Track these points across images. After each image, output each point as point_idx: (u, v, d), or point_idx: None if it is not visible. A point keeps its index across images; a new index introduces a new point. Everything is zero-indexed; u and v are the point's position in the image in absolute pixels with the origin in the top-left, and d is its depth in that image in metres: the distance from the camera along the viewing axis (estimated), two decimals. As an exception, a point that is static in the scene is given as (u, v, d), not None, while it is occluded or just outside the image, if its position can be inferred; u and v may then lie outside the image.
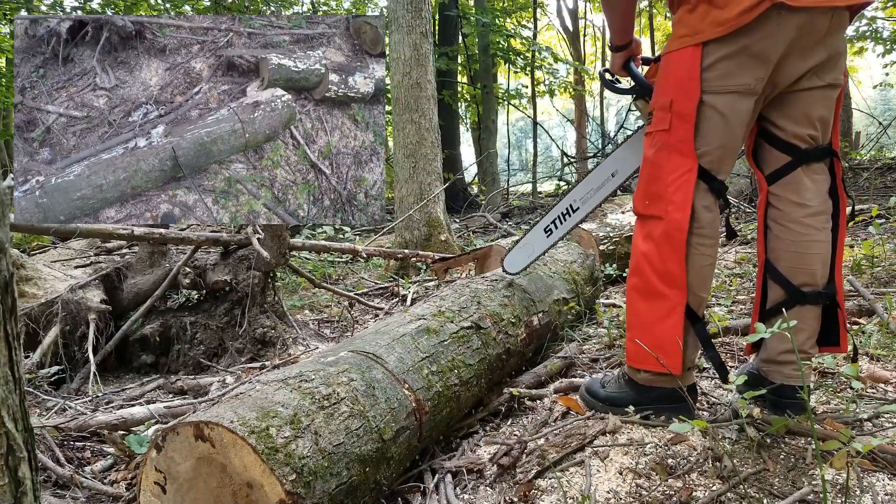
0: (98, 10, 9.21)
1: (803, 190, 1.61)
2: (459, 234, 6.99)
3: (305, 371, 1.41)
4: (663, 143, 1.58)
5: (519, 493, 1.46)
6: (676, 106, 1.55)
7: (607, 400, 1.78)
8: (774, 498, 1.35)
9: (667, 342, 1.59)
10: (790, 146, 1.61)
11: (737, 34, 1.46)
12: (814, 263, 1.61)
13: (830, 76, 1.56)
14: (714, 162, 1.56)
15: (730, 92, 1.51)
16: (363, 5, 14.28)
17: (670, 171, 1.57)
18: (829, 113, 1.60)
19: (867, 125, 14.45)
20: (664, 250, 1.57)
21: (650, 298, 1.62)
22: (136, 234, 2.95)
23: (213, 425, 1.14)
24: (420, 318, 1.85)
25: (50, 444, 1.76)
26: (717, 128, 1.53)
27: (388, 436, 1.39)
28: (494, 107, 12.22)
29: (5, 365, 0.79)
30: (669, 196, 1.56)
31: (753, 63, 1.49)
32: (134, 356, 3.00)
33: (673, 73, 1.57)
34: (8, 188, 2.15)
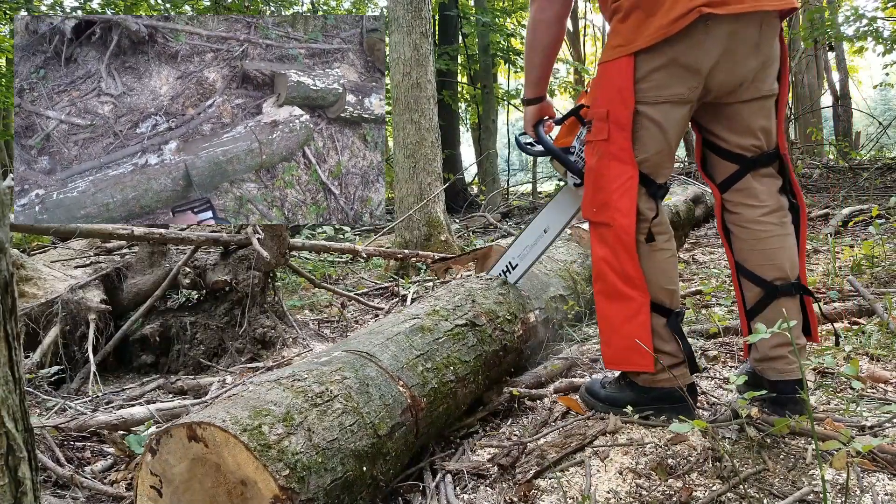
0: (98, 10, 9.22)
1: (755, 192, 1.67)
2: (459, 234, 6.99)
3: (298, 371, 1.42)
4: (604, 152, 1.62)
5: (519, 493, 1.46)
6: (613, 116, 1.58)
7: (607, 400, 1.78)
8: (774, 498, 1.35)
9: (637, 342, 1.63)
10: (737, 156, 1.66)
11: (666, 44, 1.50)
12: (780, 258, 1.65)
13: (766, 86, 1.61)
14: (653, 167, 1.62)
15: (663, 102, 1.56)
16: (363, 5, 14.28)
17: (613, 178, 1.61)
18: (770, 121, 1.65)
19: (867, 125, 14.45)
20: (620, 255, 1.62)
21: (616, 300, 1.65)
22: (136, 234, 2.95)
23: (205, 425, 1.14)
24: (414, 317, 1.85)
25: (50, 444, 1.76)
26: (654, 136, 1.58)
27: (383, 431, 1.40)
28: (494, 107, 12.21)
29: (5, 365, 0.79)
30: (615, 203, 1.61)
31: (685, 73, 1.53)
32: (134, 356, 3.00)
33: (608, 83, 1.60)
34: (8, 188, 2.14)
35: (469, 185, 12.40)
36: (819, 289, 2.95)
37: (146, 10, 9.30)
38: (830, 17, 9.26)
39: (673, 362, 1.66)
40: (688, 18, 1.46)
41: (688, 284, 3.45)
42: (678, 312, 1.68)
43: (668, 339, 1.66)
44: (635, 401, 1.71)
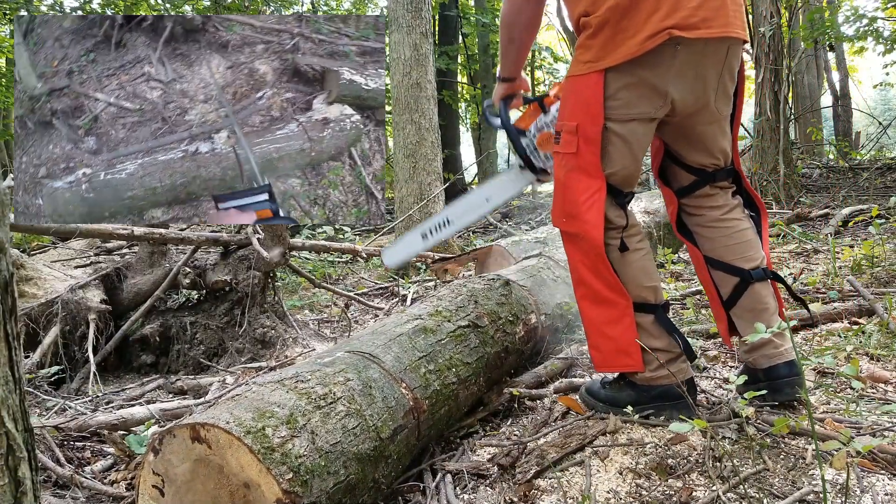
0: (98, 10, 9.22)
1: (714, 197, 1.76)
2: (459, 234, 6.99)
3: (301, 372, 1.41)
4: (573, 166, 1.65)
5: (519, 493, 1.46)
6: (582, 130, 1.61)
7: (608, 400, 1.79)
8: (774, 498, 1.35)
9: (625, 343, 1.65)
10: (697, 170, 1.75)
11: (635, 64, 1.52)
12: (751, 248, 1.73)
13: (725, 109, 1.68)
14: (620, 180, 1.67)
15: (631, 120, 1.60)
16: (363, 5, 14.29)
17: (581, 190, 1.64)
18: (727, 141, 1.74)
19: (867, 125, 14.46)
20: (596, 263, 1.65)
21: (600, 304, 1.68)
22: (136, 234, 2.95)
23: (209, 427, 1.14)
24: (417, 317, 1.85)
25: (50, 444, 1.76)
26: (621, 151, 1.62)
27: (385, 434, 1.39)
28: (494, 107, 12.19)
29: (5, 365, 0.79)
30: (583, 215, 1.64)
31: (652, 94, 1.57)
32: (134, 356, 3.00)
33: (577, 97, 1.63)
34: (8, 188, 2.14)
35: (469, 185, 12.39)
36: (819, 289, 2.95)
37: (146, 9, 9.29)
38: (830, 17, 9.25)
39: (668, 357, 1.67)
40: (657, 39, 1.49)
41: (688, 284, 3.45)
42: (664, 306, 1.71)
43: (659, 334, 1.68)
44: (636, 400, 1.71)
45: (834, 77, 12.95)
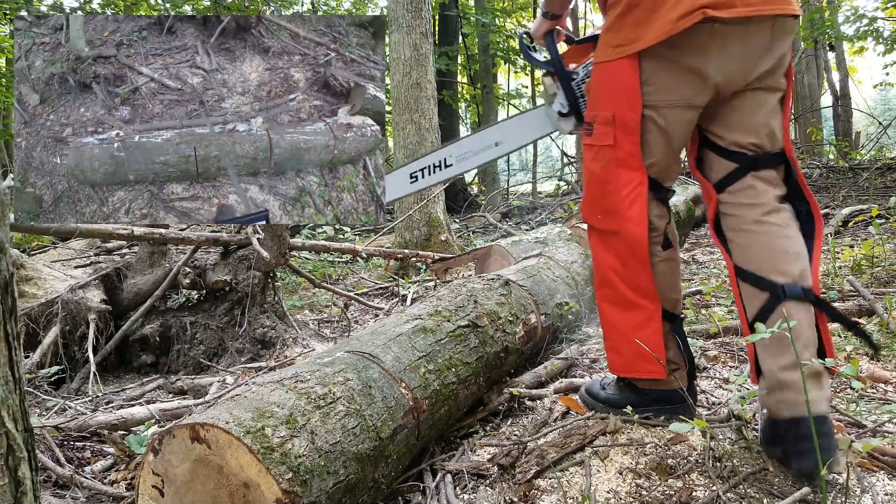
0: (98, 10, 9.22)
1: (756, 193, 1.49)
2: (459, 234, 6.99)
3: (301, 372, 1.41)
4: (611, 159, 1.54)
5: (519, 493, 1.46)
6: (620, 120, 1.50)
7: (607, 402, 1.77)
8: (774, 498, 1.35)
9: (649, 349, 1.59)
10: (736, 154, 1.51)
11: (670, 46, 1.40)
12: (787, 260, 1.44)
13: (770, 80, 1.48)
14: (660, 172, 1.56)
15: (669, 106, 1.47)
16: (363, 5, 14.29)
17: (622, 185, 1.54)
18: (774, 119, 1.50)
19: (867, 125, 14.46)
20: (631, 264, 1.56)
21: (625, 309, 1.61)
22: (136, 234, 2.95)
23: (208, 427, 1.14)
24: (416, 317, 1.85)
25: (50, 444, 1.76)
26: (658, 141, 1.51)
27: (385, 434, 1.40)
28: (494, 107, 12.22)
29: (5, 365, 0.79)
30: (625, 211, 1.54)
31: (690, 76, 1.44)
32: (134, 356, 3.00)
33: (612, 85, 1.51)
34: (8, 188, 2.14)
35: (469, 185, 12.39)
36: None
37: (146, 9, 9.29)
38: (830, 17, 9.25)
39: (673, 367, 1.64)
40: (691, 19, 1.36)
41: (688, 284, 3.45)
42: (681, 318, 1.67)
43: (671, 345, 1.64)
44: (636, 403, 1.69)
45: (834, 77, 12.95)
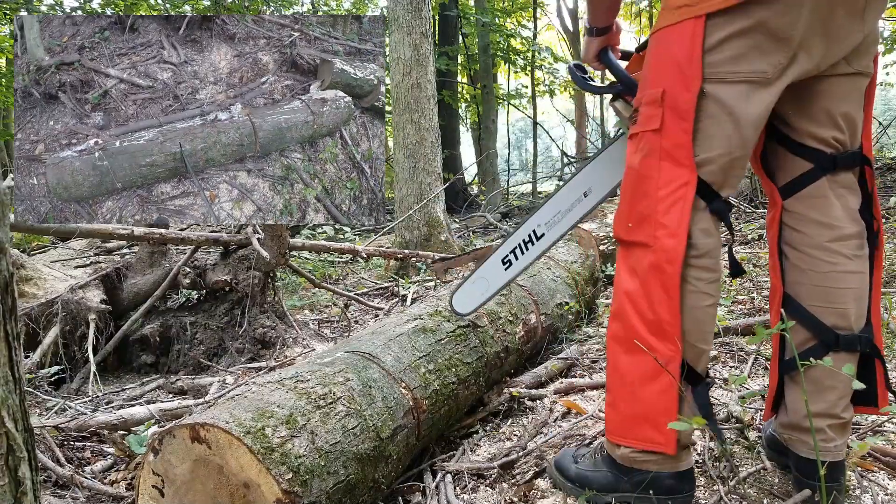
0: (98, 10, 9.22)
1: (829, 207, 1.25)
2: (459, 234, 6.99)
3: (301, 372, 1.41)
4: (652, 148, 1.23)
5: (519, 494, 1.46)
6: (670, 99, 1.20)
7: (578, 479, 1.40)
8: (774, 498, 1.35)
9: (656, 411, 1.23)
10: (812, 150, 1.26)
11: (751, 4, 1.12)
12: (846, 300, 1.25)
13: (861, 62, 1.21)
14: (717, 173, 1.21)
15: (741, 81, 1.15)
16: (363, 5, 14.30)
17: (661, 184, 1.22)
18: (857, 109, 1.25)
19: (867, 125, 14.43)
20: (653, 290, 1.22)
21: (634, 352, 1.25)
22: (135, 234, 2.95)
23: (209, 427, 1.14)
24: (417, 317, 1.85)
25: (50, 444, 1.76)
26: (724, 128, 1.18)
27: (385, 434, 1.40)
28: (494, 107, 12.22)
29: (5, 365, 0.79)
30: (659, 217, 1.22)
31: (772, 44, 1.13)
32: (134, 356, 3.00)
33: (666, 55, 1.21)
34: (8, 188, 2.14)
35: (469, 185, 12.40)
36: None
37: (146, 9, 9.29)
38: (830, 17, 9.24)
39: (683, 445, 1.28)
40: None
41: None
42: (708, 382, 1.28)
43: (689, 414, 1.24)
44: (612, 486, 1.33)
45: (834, 77, 12.93)
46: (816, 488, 1.24)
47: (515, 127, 27.31)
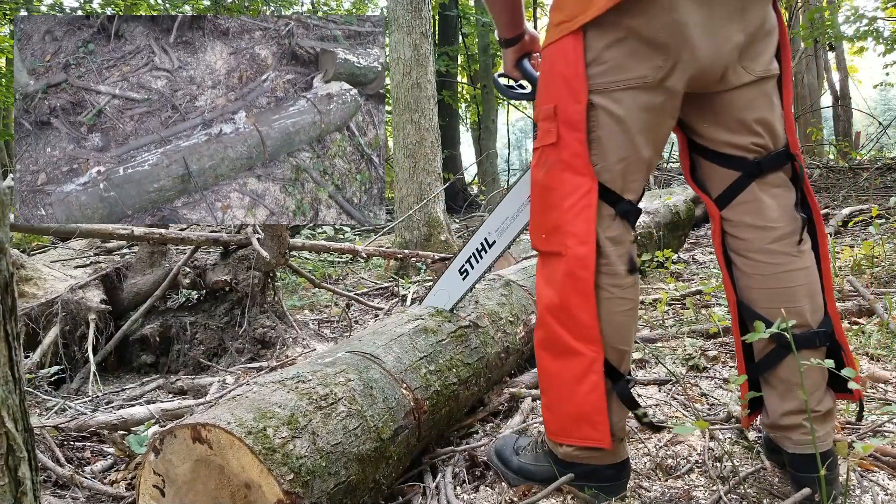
0: (98, 10, 9.22)
1: (763, 209, 1.28)
2: (459, 234, 6.99)
3: (303, 372, 1.41)
4: (553, 161, 1.28)
5: (519, 493, 1.46)
6: (562, 113, 1.24)
7: (520, 472, 1.47)
8: (774, 498, 1.35)
9: (589, 410, 1.29)
10: (736, 159, 1.28)
11: (621, 12, 1.16)
12: (798, 299, 1.28)
13: (760, 66, 1.24)
14: (616, 179, 1.25)
15: (625, 88, 1.20)
16: (363, 5, 14.30)
17: (566, 194, 1.26)
18: (772, 111, 1.27)
19: (867, 125, 14.47)
20: (569, 296, 1.26)
21: (561, 356, 1.30)
22: (135, 234, 2.95)
23: (210, 427, 1.14)
24: (418, 318, 1.85)
25: (50, 444, 1.76)
26: (615, 136, 1.22)
27: (386, 435, 1.39)
28: (494, 107, 12.22)
29: (5, 365, 0.79)
30: (568, 227, 1.25)
31: (647, 49, 1.18)
32: (134, 356, 3.00)
33: (553, 71, 1.26)
34: (8, 188, 2.14)
35: (469, 185, 12.41)
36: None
37: (146, 9, 9.29)
38: (830, 17, 9.26)
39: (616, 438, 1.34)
40: None
41: (688, 284, 3.45)
42: (629, 379, 1.33)
43: (617, 410, 1.32)
44: (553, 478, 1.40)
45: (834, 77, 12.97)
46: (809, 481, 1.28)
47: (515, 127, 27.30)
